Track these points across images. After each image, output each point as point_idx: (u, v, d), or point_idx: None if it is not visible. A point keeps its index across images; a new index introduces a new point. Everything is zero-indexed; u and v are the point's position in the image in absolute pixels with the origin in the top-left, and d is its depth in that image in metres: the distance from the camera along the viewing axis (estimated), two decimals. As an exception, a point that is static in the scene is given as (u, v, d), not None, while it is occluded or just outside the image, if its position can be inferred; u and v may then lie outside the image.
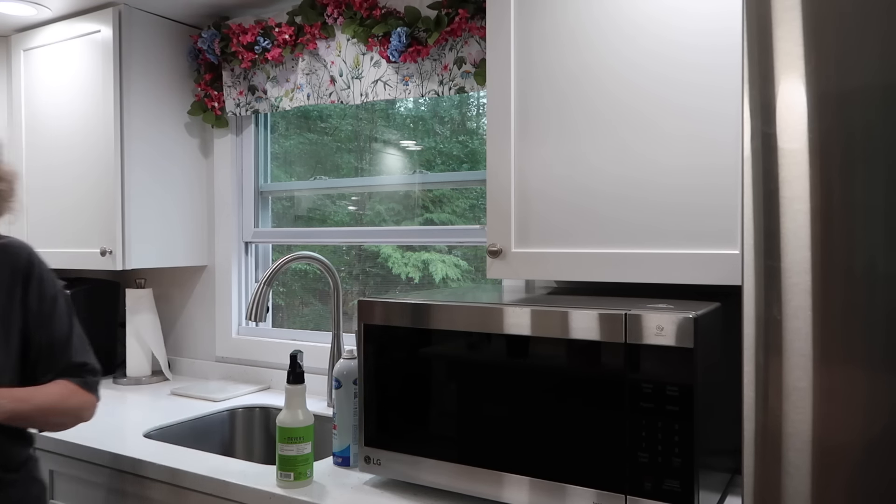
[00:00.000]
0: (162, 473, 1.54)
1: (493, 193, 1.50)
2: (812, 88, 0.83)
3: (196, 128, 2.42)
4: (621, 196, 1.37)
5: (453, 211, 2.13)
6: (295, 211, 2.44)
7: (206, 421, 1.98)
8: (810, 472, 0.83)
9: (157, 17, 2.29)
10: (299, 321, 2.46)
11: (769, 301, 0.85)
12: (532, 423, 1.21)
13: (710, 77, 1.28)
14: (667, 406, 1.10)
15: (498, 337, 1.24)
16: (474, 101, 2.08)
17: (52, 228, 2.36)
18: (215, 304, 2.45)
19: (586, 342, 1.16)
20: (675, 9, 1.31)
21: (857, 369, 0.80)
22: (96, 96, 2.22)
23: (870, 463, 0.80)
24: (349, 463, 1.51)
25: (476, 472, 1.27)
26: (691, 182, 1.30)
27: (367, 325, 1.39)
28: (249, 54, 2.18)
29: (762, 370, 0.86)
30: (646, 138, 1.34)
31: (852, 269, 0.81)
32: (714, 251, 1.28)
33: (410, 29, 1.89)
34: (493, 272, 1.51)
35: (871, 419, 0.80)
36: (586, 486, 1.17)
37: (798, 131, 0.83)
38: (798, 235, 0.83)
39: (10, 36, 2.46)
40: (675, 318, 1.09)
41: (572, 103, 1.42)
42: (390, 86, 1.96)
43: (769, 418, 0.85)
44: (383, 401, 1.37)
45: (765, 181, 0.85)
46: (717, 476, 1.23)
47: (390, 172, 2.25)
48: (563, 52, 1.43)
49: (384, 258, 2.25)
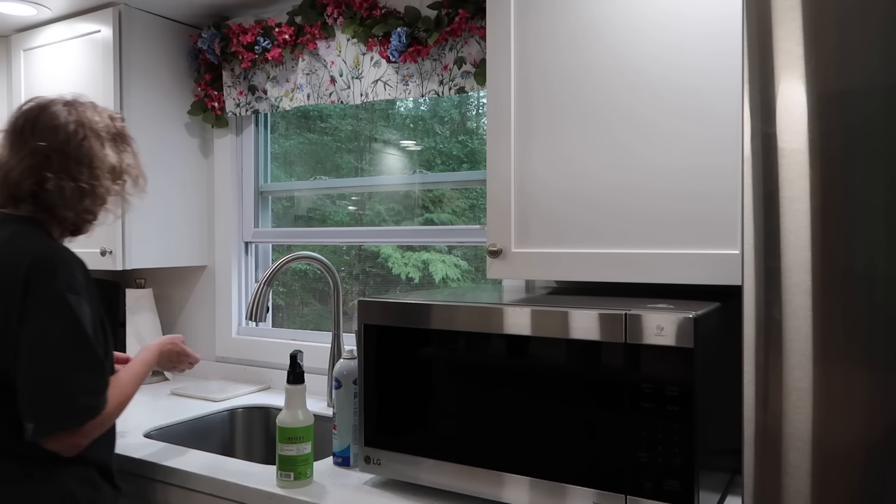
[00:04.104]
0: (162, 473, 1.54)
1: (493, 193, 1.50)
2: (812, 88, 0.83)
3: (196, 128, 2.42)
4: (621, 196, 1.37)
5: (453, 211, 2.13)
6: (295, 211, 2.44)
7: (206, 421, 1.98)
8: (810, 472, 0.83)
9: (157, 17, 2.29)
10: (299, 321, 2.46)
11: (769, 301, 0.85)
12: (532, 423, 1.21)
13: (709, 79, 1.28)
14: (667, 406, 1.10)
15: (498, 337, 1.24)
16: (474, 101, 2.08)
17: (52, 228, 2.35)
18: (215, 304, 2.45)
19: (586, 342, 1.16)
20: (673, 11, 1.31)
21: (857, 369, 0.80)
22: (96, 96, 2.21)
23: (870, 463, 0.80)
24: (349, 463, 1.51)
25: (476, 472, 1.27)
26: (691, 181, 1.30)
27: (367, 325, 1.39)
28: (249, 54, 2.18)
29: (762, 370, 0.86)
30: (646, 138, 1.34)
31: (852, 269, 0.81)
32: (714, 251, 1.28)
33: (410, 29, 1.89)
34: (493, 272, 1.51)
35: (871, 419, 0.80)
36: (586, 486, 1.17)
37: (798, 131, 0.83)
38: (798, 235, 0.83)
39: (10, 36, 2.46)
40: (675, 318, 1.09)
41: (573, 103, 1.42)
42: (390, 86, 1.96)
43: (769, 418, 0.85)
44: (383, 401, 1.37)
45: (765, 181, 0.85)
46: (717, 476, 1.23)
47: (390, 172, 2.25)
48: (563, 52, 1.43)
49: (384, 258, 2.25)
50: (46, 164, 1.26)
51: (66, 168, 1.27)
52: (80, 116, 1.31)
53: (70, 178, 1.27)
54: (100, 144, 1.32)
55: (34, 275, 1.19)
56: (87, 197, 1.30)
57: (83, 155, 1.29)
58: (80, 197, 1.29)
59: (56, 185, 1.26)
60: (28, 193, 1.26)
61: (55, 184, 1.26)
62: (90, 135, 1.31)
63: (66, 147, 1.27)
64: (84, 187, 1.29)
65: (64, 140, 1.27)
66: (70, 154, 1.27)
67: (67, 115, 1.30)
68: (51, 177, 1.25)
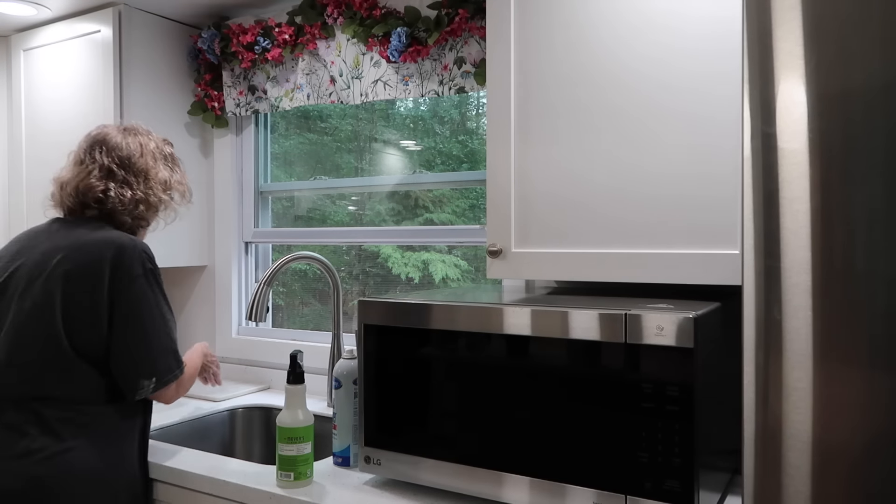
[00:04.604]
0: (162, 473, 1.54)
1: (493, 193, 1.50)
2: (812, 88, 0.83)
3: (196, 128, 2.42)
4: (622, 195, 1.37)
5: (453, 211, 2.13)
6: (295, 211, 2.44)
7: (206, 421, 1.98)
8: (810, 472, 0.83)
9: (157, 17, 2.29)
10: (299, 321, 2.46)
11: (769, 301, 0.85)
12: (532, 422, 1.21)
13: (704, 83, 1.28)
14: (667, 406, 1.10)
15: (498, 337, 1.24)
16: (474, 101, 2.08)
17: (52, 228, 2.35)
18: (215, 304, 2.45)
19: (586, 342, 1.16)
20: (673, 12, 1.31)
21: (857, 369, 0.80)
22: (96, 96, 2.22)
23: (870, 463, 0.80)
24: (349, 463, 1.51)
25: (476, 472, 1.27)
26: (692, 180, 1.30)
27: (367, 325, 1.39)
28: (249, 54, 2.18)
29: (762, 370, 0.86)
30: (648, 133, 1.34)
31: (852, 269, 0.80)
32: (714, 251, 1.28)
33: (410, 29, 1.89)
34: (493, 272, 1.51)
35: (870, 419, 0.80)
36: (586, 486, 1.17)
37: (798, 131, 0.83)
38: (798, 235, 0.83)
39: (10, 36, 2.46)
40: (675, 318, 1.09)
41: (573, 102, 1.42)
42: (390, 86, 1.96)
43: (769, 418, 0.85)
44: (383, 401, 1.37)
45: (765, 181, 0.85)
46: (717, 476, 1.23)
47: (390, 172, 2.25)
48: (562, 51, 1.43)
49: (384, 258, 2.25)
50: (111, 176, 1.52)
51: (126, 180, 1.54)
52: (138, 139, 1.59)
53: (129, 188, 1.53)
54: (153, 162, 1.59)
55: (122, 257, 1.43)
56: (142, 204, 1.56)
57: (140, 170, 1.56)
58: (136, 204, 1.54)
59: (118, 193, 1.52)
60: (94, 200, 1.51)
61: (117, 192, 1.52)
62: (146, 154, 1.58)
63: (126, 163, 1.55)
64: (140, 196, 1.55)
65: (125, 157, 1.55)
66: (130, 169, 1.55)
67: (127, 138, 1.57)
68: (113, 186, 1.52)
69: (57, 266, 1.41)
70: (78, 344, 1.40)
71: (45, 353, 1.38)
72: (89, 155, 1.55)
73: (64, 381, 1.39)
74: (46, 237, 1.49)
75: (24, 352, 1.39)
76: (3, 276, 1.47)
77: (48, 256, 1.44)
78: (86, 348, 1.40)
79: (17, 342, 1.40)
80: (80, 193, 1.52)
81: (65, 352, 1.39)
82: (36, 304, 1.40)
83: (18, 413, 1.37)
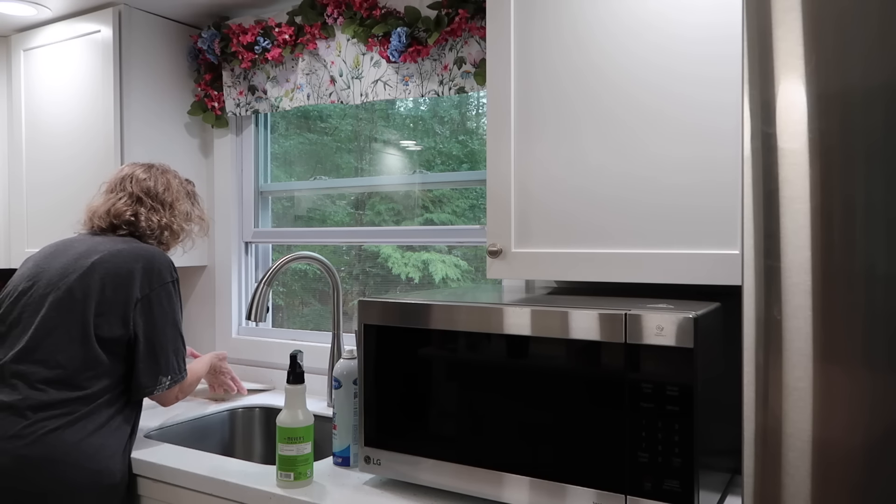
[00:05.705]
0: (162, 473, 1.54)
1: (493, 193, 1.51)
2: (812, 88, 0.83)
3: (196, 128, 2.42)
4: (621, 195, 1.37)
5: (453, 211, 2.13)
6: (295, 211, 2.44)
7: (206, 421, 1.98)
8: (810, 472, 0.83)
9: (157, 17, 2.29)
10: (299, 321, 2.46)
11: (769, 301, 0.85)
12: (532, 423, 1.21)
13: (712, 69, 1.28)
14: (667, 406, 1.10)
15: (498, 337, 1.24)
16: (474, 101, 2.08)
17: (51, 228, 2.36)
18: (215, 304, 2.45)
19: (586, 342, 1.16)
20: (673, 14, 1.31)
21: (857, 369, 0.80)
22: (96, 96, 2.22)
23: (870, 463, 0.80)
24: (349, 463, 1.51)
25: (476, 472, 1.27)
26: (692, 180, 1.30)
27: (367, 325, 1.39)
28: (249, 54, 2.18)
29: (762, 370, 0.86)
30: (648, 132, 1.34)
31: (852, 269, 0.81)
32: (714, 251, 1.28)
33: (410, 29, 1.89)
34: (493, 272, 1.51)
35: (871, 419, 0.80)
36: (586, 486, 1.17)
37: (798, 131, 0.83)
38: (798, 235, 0.83)
39: (10, 36, 2.46)
40: (675, 318, 1.09)
41: (572, 102, 1.42)
42: (390, 86, 1.96)
43: (769, 418, 0.85)
44: (383, 401, 1.37)
45: (765, 181, 0.85)
46: (717, 476, 1.23)
47: (390, 172, 2.25)
48: (563, 52, 1.43)
49: (384, 258, 2.25)
50: (140, 203, 1.74)
51: (154, 208, 1.76)
52: (166, 176, 1.80)
53: (157, 214, 1.75)
54: (178, 196, 1.81)
55: (154, 264, 1.63)
56: (167, 231, 1.77)
57: (166, 201, 1.78)
58: (162, 231, 1.76)
59: (147, 218, 1.73)
60: (125, 222, 1.72)
61: (146, 216, 1.73)
62: (171, 188, 1.80)
63: (154, 194, 1.77)
64: (165, 223, 1.76)
65: (153, 188, 1.77)
66: (157, 198, 1.77)
67: (155, 174, 1.79)
68: (143, 211, 1.73)
69: (95, 264, 1.58)
70: (103, 336, 1.55)
71: (72, 342, 1.52)
72: (120, 185, 1.76)
73: (82, 371, 1.52)
74: (81, 242, 1.67)
75: (52, 338, 1.52)
76: (37, 270, 1.63)
77: (85, 255, 1.61)
78: (109, 342, 1.55)
79: (46, 327, 1.53)
80: (112, 216, 1.71)
81: (90, 342, 1.53)
82: (72, 293, 1.55)
83: (28, 394, 1.48)
